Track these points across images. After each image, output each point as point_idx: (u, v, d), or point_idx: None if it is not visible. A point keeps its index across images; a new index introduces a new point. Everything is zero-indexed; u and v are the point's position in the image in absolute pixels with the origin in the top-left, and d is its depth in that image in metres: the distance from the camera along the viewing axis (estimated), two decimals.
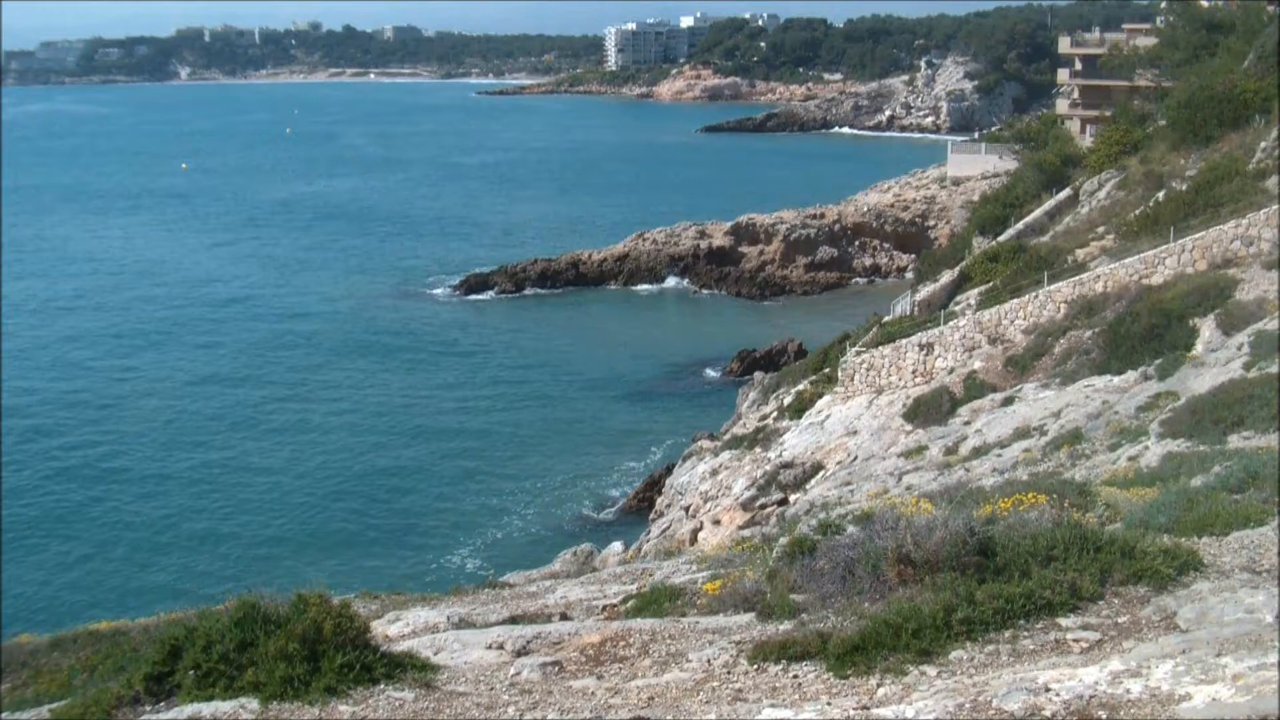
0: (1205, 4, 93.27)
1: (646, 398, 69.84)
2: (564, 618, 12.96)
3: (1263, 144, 42.11)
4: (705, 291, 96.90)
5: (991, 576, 9.05)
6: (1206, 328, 29.66)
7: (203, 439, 63.38)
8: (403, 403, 69.32)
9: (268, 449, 61.90)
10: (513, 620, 12.90)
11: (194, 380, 73.70)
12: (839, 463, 35.48)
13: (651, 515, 46.65)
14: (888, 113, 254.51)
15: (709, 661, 9.10)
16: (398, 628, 13.43)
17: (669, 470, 51.34)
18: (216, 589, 41.55)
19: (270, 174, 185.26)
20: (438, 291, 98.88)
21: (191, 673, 8.62)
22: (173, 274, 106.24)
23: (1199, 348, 28.78)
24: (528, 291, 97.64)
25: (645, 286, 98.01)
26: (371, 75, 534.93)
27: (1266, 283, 30.77)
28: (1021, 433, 27.62)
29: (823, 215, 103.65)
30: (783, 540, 11.50)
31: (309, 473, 58.59)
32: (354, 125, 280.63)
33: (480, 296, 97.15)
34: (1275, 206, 33.82)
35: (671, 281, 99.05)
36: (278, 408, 68.63)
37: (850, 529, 10.97)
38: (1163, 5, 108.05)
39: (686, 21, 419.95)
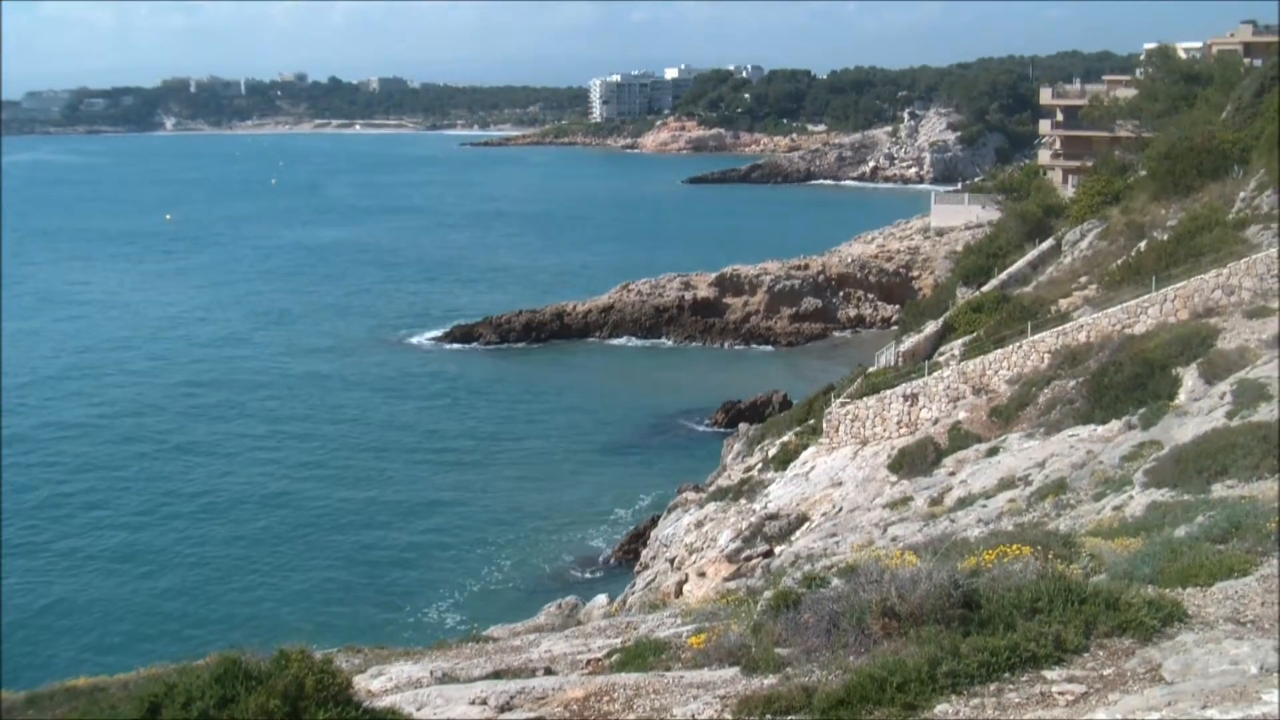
0: (1184, 56, 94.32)
1: (631, 449, 69.75)
2: (548, 672, 12.89)
3: (1242, 194, 42.44)
4: (692, 344, 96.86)
5: (976, 629, 9.03)
6: (1189, 377, 29.73)
7: (179, 490, 63.05)
8: (384, 454, 69.12)
9: (246, 501, 61.57)
10: (496, 675, 12.82)
11: (169, 429, 73.43)
12: (824, 514, 35.41)
13: (636, 567, 46.44)
14: (871, 163, 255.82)
15: (694, 717, 9.04)
16: (380, 683, 13.34)
17: (654, 522, 51.18)
18: (197, 644, 41.28)
19: (254, 224, 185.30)
20: (421, 342, 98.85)
21: None
22: (152, 326, 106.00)
23: (1182, 397, 28.84)
24: (512, 345, 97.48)
25: (631, 340, 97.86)
26: (357, 126, 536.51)
27: (1248, 331, 30.89)
28: (1006, 483, 27.61)
29: (807, 266, 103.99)
30: (767, 593, 11.46)
31: (288, 524, 58.30)
32: (339, 176, 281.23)
33: (464, 346, 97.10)
34: (1256, 256, 34.01)
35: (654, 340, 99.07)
36: (257, 459, 68.36)
37: (835, 582, 10.95)
38: (1142, 57, 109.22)
39: (671, 73, 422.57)
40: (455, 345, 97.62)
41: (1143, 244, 43.89)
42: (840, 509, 34.84)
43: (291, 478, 65.21)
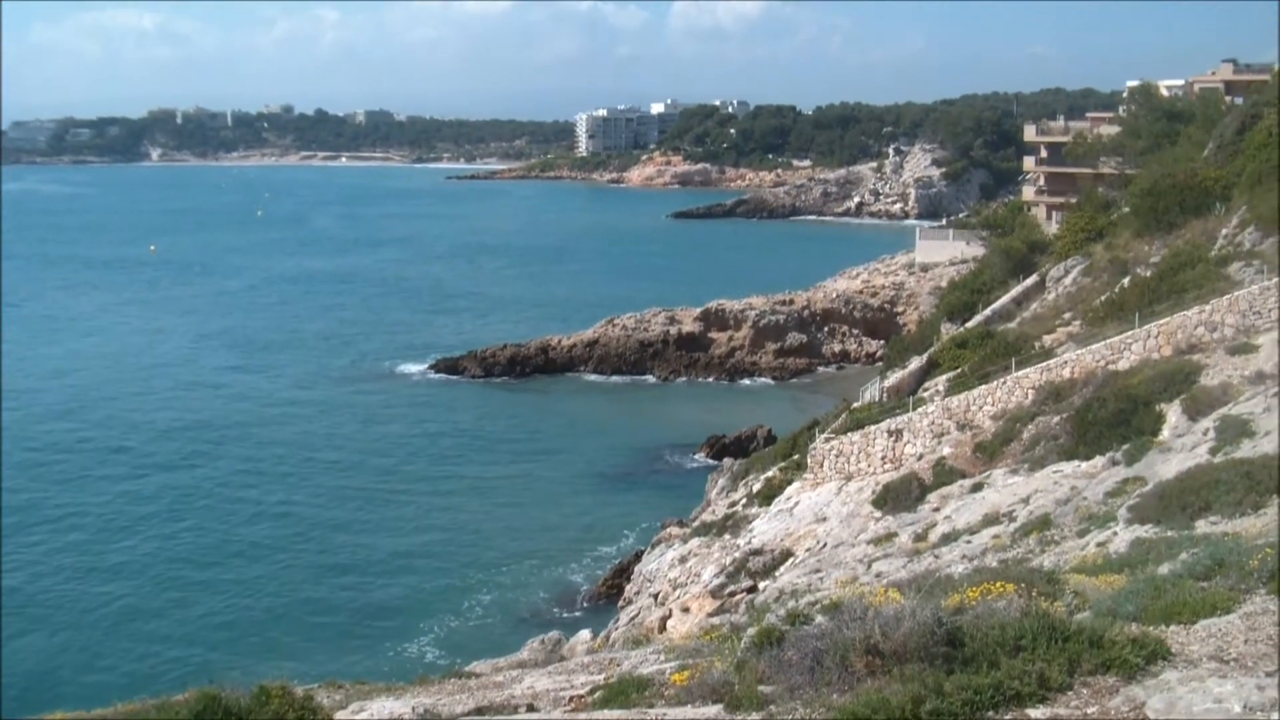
0: (1166, 94, 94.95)
1: (615, 484, 69.63)
2: (530, 709, 12.81)
3: (1224, 231, 42.68)
4: (676, 379, 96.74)
5: (960, 667, 8.99)
6: (1173, 413, 29.81)
7: (159, 523, 62.71)
8: (366, 486, 68.88)
9: (227, 533, 61.26)
10: (479, 711, 12.74)
11: (148, 462, 73.10)
12: (808, 550, 35.36)
13: (620, 602, 46.31)
14: (856, 199, 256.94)
15: None
16: (362, 719, 13.24)
17: (638, 557, 51.05)
18: (176, 679, 40.99)
19: (239, 255, 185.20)
20: (404, 374, 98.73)
21: None
22: (132, 356, 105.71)
23: (1165, 433, 28.90)
24: (496, 378, 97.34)
25: (616, 377, 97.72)
26: (343, 159, 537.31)
27: (1231, 368, 31.01)
28: (991, 519, 27.61)
29: (792, 301, 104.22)
30: (751, 630, 11.42)
31: (268, 556, 58.03)
32: (325, 208, 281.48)
33: (448, 379, 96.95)
34: (1238, 293, 34.17)
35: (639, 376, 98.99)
36: (238, 490, 68.06)
37: (818, 619, 10.90)
38: (1125, 95, 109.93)
39: (657, 108, 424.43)
40: (439, 378, 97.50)
41: (1126, 280, 44.08)
42: (824, 544, 34.78)
43: (272, 509, 64.90)
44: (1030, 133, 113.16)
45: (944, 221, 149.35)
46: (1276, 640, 9.58)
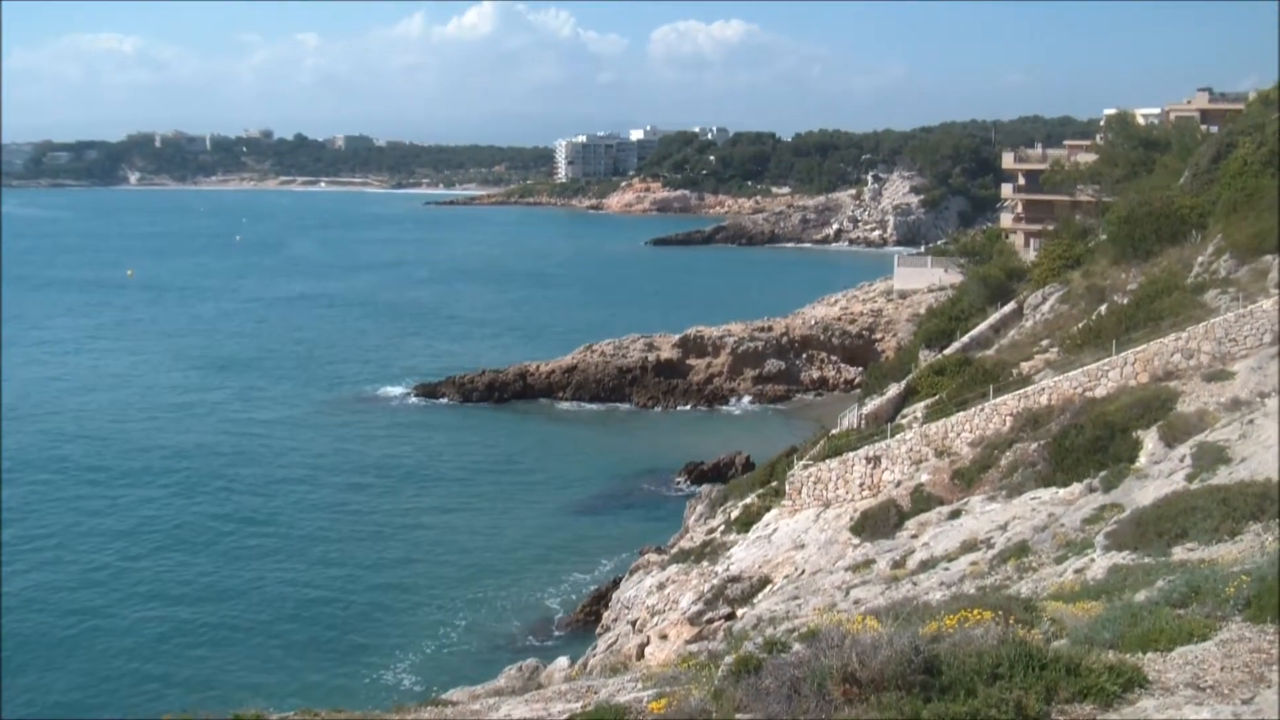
0: (1142, 122, 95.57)
1: (593, 510, 69.51)
2: None
3: (1200, 258, 42.88)
4: (654, 407, 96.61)
5: (937, 695, 8.97)
6: (1149, 440, 29.89)
7: (131, 545, 62.33)
8: (341, 512, 68.57)
9: (199, 558, 60.87)
10: None
11: (124, 484, 72.72)
12: (786, 576, 35.32)
13: (598, 629, 46.20)
14: (835, 226, 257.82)
15: None
16: None
17: (616, 584, 50.94)
18: (148, 704, 40.72)
19: (217, 279, 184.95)
20: (382, 399, 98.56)
21: None
22: (109, 383, 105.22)
23: (1142, 460, 28.97)
24: (475, 404, 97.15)
25: (594, 404, 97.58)
26: (322, 184, 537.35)
27: (1207, 395, 31.12)
28: (968, 546, 27.60)
29: (770, 328, 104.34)
30: (728, 658, 11.37)
31: (241, 582, 57.65)
32: (304, 233, 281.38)
33: (426, 404, 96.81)
34: (1214, 320, 34.32)
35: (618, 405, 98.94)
36: (210, 514, 67.66)
37: (796, 647, 10.86)
38: (1102, 123, 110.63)
39: (636, 135, 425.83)
40: (418, 403, 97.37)
41: (1103, 308, 44.23)
42: (803, 571, 34.75)
43: (247, 533, 64.57)
44: (1008, 160, 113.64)
45: (922, 249, 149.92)
46: (1252, 668, 9.59)
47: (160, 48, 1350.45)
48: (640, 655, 34.11)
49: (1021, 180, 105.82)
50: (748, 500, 50.57)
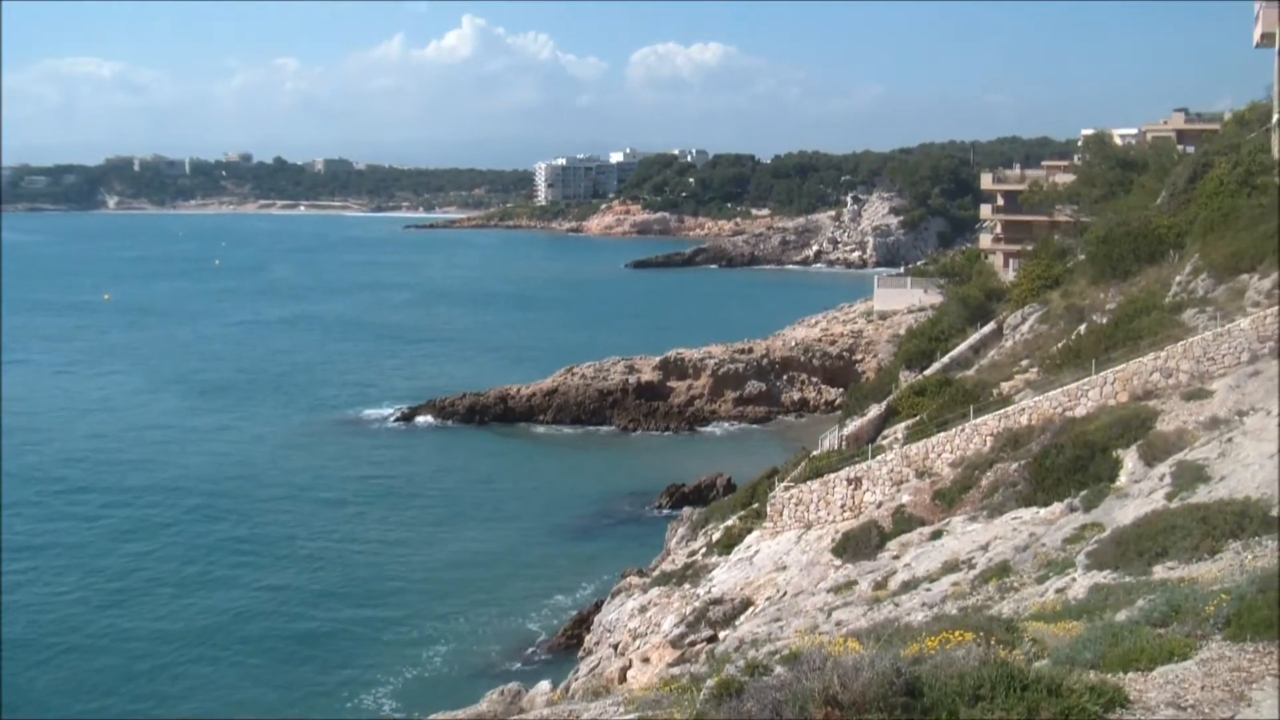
0: (1120, 142, 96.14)
1: (575, 533, 69.36)
2: None
3: (1178, 278, 43.08)
4: (636, 429, 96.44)
5: (919, 717, 8.96)
6: (1129, 459, 29.96)
7: (108, 574, 61.88)
8: (321, 536, 68.24)
9: (177, 584, 60.47)
10: None
11: (102, 511, 72.27)
12: (768, 598, 35.26)
13: (580, 653, 46.03)
14: (815, 247, 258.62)
15: None
16: None
17: (598, 607, 50.80)
18: None
19: (196, 303, 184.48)
20: (364, 423, 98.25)
21: None
22: (87, 408, 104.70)
23: (1123, 479, 29.04)
24: (455, 427, 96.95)
25: (575, 427, 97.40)
26: (302, 207, 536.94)
27: (1186, 414, 31.23)
28: (950, 566, 27.61)
29: (751, 350, 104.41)
30: (710, 681, 11.34)
31: (225, 606, 57.30)
32: (283, 256, 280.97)
33: (406, 427, 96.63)
34: (1192, 339, 34.48)
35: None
36: (190, 540, 67.25)
37: (778, 669, 10.84)
38: (1080, 143, 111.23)
39: (616, 157, 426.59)
40: (398, 426, 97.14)
41: (1082, 327, 44.42)
42: (784, 593, 34.70)
43: (228, 558, 64.19)
44: (987, 181, 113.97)
45: (902, 269, 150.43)
46: (1232, 686, 9.60)
47: (139, 72, 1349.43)
48: (622, 678, 33.99)
49: (1000, 201, 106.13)
50: (729, 522, 50.52)
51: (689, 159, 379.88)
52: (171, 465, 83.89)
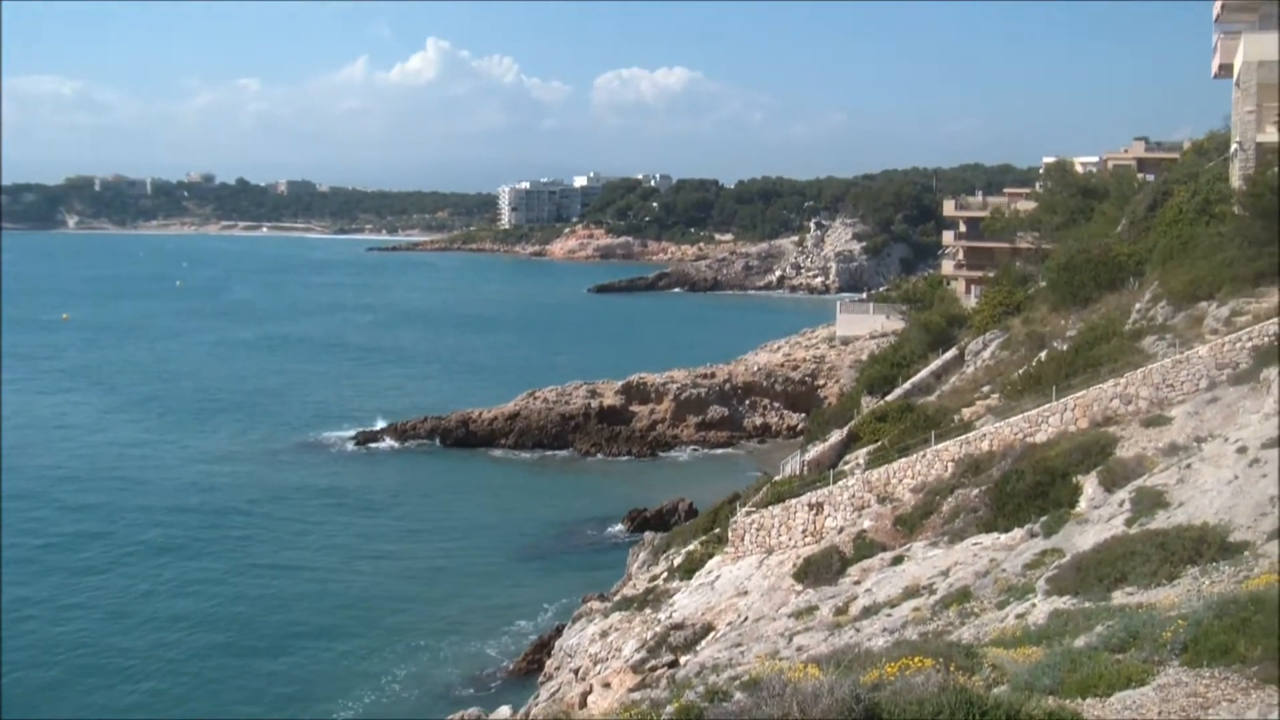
0: (1081, 170, 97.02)
1: (535, 558, 69.12)
2: None
3: (1137, 305, 43.41)
4: (597, 453, 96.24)
5: None
6: (1089, 485, 30.10)
7: (65, 604, 61.20)
8: (276, 562, 67.63)
9: (132, 611, 59.86)
10: None
11: (61, 539, 71.48)
12: (730, 623, 35.21)
13: (540, 678, 45.81)
14: (778, 272, 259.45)
15: None
16: None
17: (558, 632, 50.63)
18: None
19: (156, 323, 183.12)
20: (324, 445, 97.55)
21: None
22: (38, 430, 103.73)
23: (1082, 504, 29.16)
24: (415, 450, 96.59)
25: (536, 451, 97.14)
26: (264, 229, 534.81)
27: (1145, 440, 31.41)
28: (911, 591, 27.64)
29: (713, 374, 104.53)
30: (670, 708, 11.29)
31: (178, 632, 56.69)
32: (245, 278, 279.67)
33: (367, 450, 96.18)
34: (1151, 366, 34.73)
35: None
36: (141, 566, 66.58)
37: (738, 695, 10.80)
38: (1041, 171, 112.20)
39: (580, 181, 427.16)
40: (358, 449, 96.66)
41: (1043, 354, 44.66)
42: (745, 618, 34.66)
43: (181, 583, 63.54)
44: (949, 208, 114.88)
45: (864, 295, 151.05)
46: (1189, 712, 9.62)
47: (100, 90, 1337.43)
48: (583, 704, 33.84)
49: (962, 227, 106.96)
50: (690, 547, 50.46)
51: (653, 183, 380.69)
52: (127, 486, 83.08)
